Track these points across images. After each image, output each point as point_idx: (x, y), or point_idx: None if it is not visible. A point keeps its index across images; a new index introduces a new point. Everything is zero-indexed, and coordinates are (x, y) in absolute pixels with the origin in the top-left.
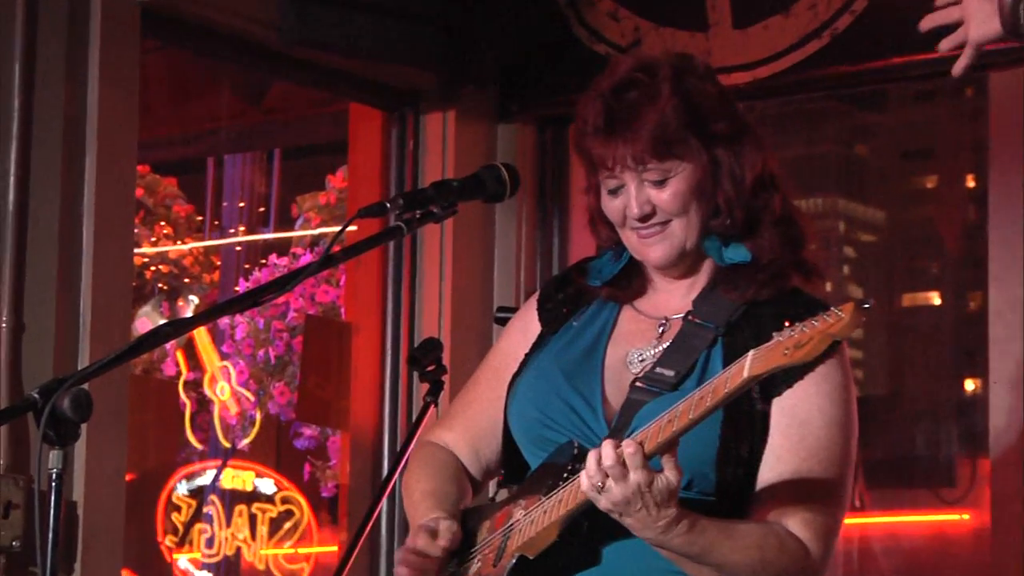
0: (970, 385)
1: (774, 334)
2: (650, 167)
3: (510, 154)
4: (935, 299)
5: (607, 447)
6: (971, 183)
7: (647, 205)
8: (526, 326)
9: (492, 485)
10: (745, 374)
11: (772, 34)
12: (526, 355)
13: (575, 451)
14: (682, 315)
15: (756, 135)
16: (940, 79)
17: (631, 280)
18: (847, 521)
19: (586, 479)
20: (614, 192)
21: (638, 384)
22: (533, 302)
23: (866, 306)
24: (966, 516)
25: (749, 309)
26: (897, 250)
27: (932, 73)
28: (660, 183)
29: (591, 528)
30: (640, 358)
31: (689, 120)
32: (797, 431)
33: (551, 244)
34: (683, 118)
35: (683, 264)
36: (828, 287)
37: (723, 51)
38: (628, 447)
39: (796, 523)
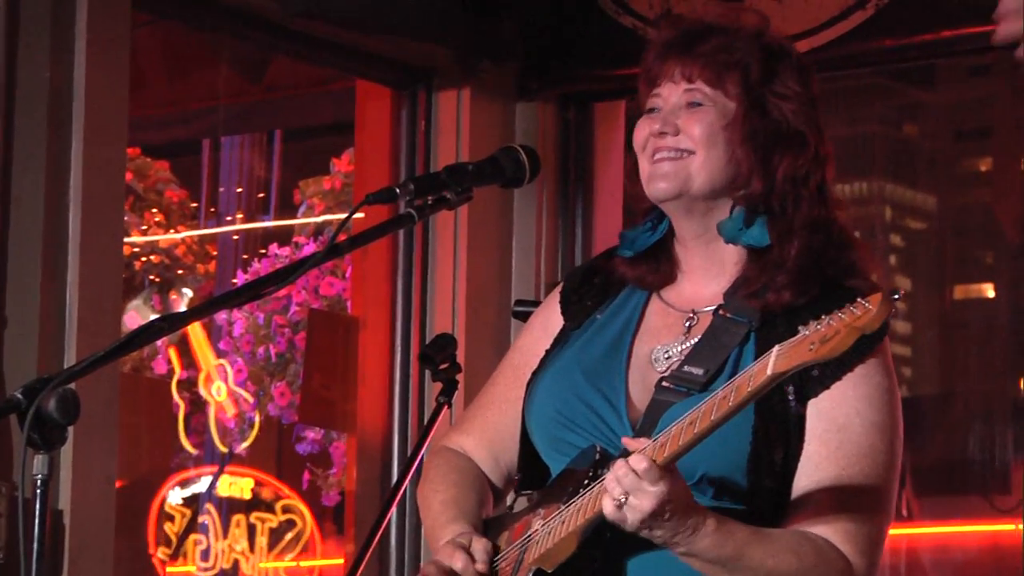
0: None
1: (800, 328)
2: (694, 87)
3: (530, 135)
4: (990, 291)
5: (620, 467)
6: None
7: (671, 123)
8: (547, 320)
9: (511, 495)
10: (769, 371)
11: (812, 5)
12: (547, 352)
13: (597, 456)
14: (712, 308)
15: (816, 124)
16: (995, 53)
17: (661, 264)
18: (893, 532)
19: (608, 503)
20: (650, 113)
21: (664, 384)
22: (556, 295)
23: (895, 296)
24: (1022, 526)
25: (787, 302)
26: (949, 238)
27: (986, 47)
28: (694, 105)
29: (613, 539)
30: (667, 355)
31: (753, 61)
32: (835, 436)
33: (573, 233)
34: (748, 56)
35: (693, 216)
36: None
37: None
38: (640, 463)
39: (837, 535)
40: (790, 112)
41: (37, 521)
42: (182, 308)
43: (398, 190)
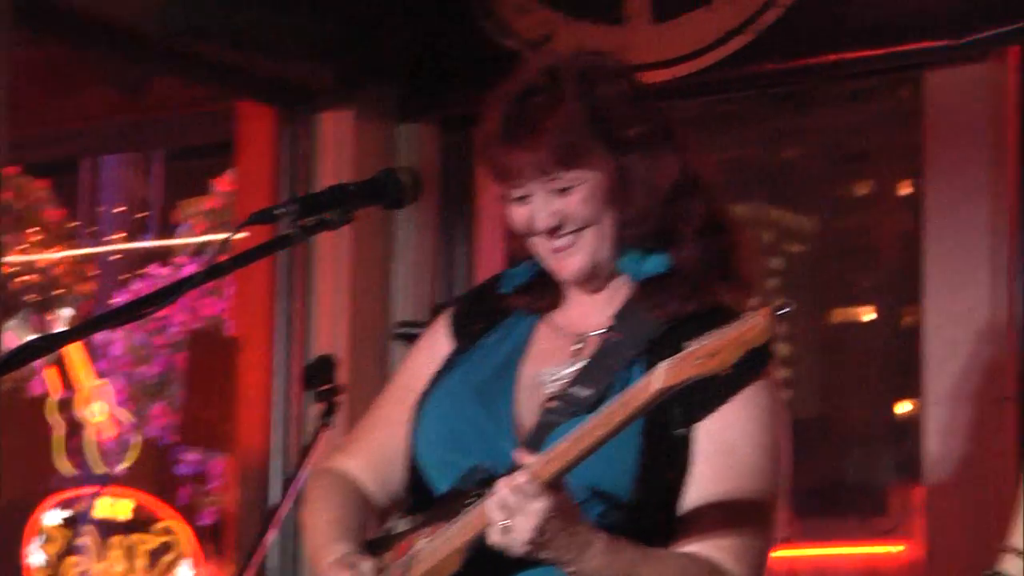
0: (904, 407)
1: (686, 343)
2: (555, 176)
3: (412, 156)
4: (868, 314)
5: (502, 486)
6: (907, 189)
7: (555, 216)
8: (435, 343)
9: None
10: (656, 385)
11: (693, 29)
12: (435, 374)
13: (481, 475)
14: (601, 331)
15: (677, 138)
16: (873, 78)
17: (547, 290)
18: (773, 554)
19: (493, 529)
20: (521, 200)
21: (552, 405)
22: (445, 318)
23: (784, 310)
24: (900, 548)
25: (673, 326)
26: (828, 261)
27: (865, 72)
28: (566, 191)
29: (497, 556)
30: (555, 377)
31: (595, 126)
32: (722, 458)
33: (455, 253)
34: (588, 124)
35: (599, 277)
36: (755, 301)
37: (640, 47)
38: (520, 478)
39: (722, 553)
40: (645, 141)
41: None
42: (61, 328)
43: (280, 210)
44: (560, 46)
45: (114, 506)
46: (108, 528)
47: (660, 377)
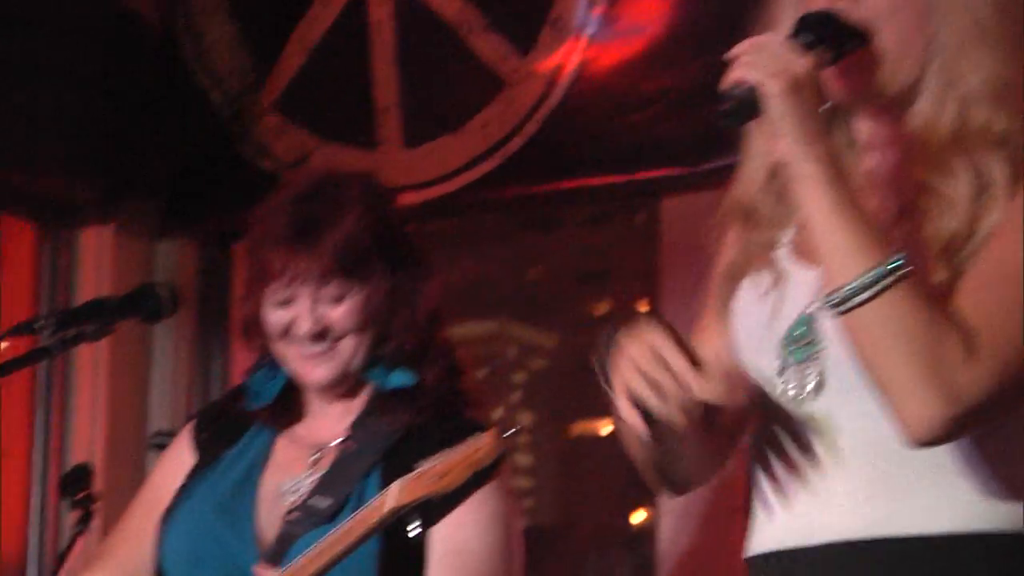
0: (640, 516)
1: (419, 463)
2: (331, 284)
3: (171, 272)
4: (607, 427)
5: None
6: (644, 308)
7: (320, 323)
8: (180, 456)
9: None
10: (390, 504)
11: (443, 154)
12: (179, 487)
13: None
14: (339, 441)
15: (430, 261)
16: (613, 203)
17: (288, 404)
18: None
19: None
20: (282, 304)
21: (292, 516)
22: (188, 431)
23: (509, 433)
24: None
25: (408, 434)
26: (569, 376)
27: (605, 197)
28: (337, 300)
29: None
30: (295, 488)
31: (375, 240)
32: (453, 560)
33: (211, 366)
34: (371, 238)
35: (343, 386)
36: (499, 413)
37: (392, 170)
38: None
39: None
40: (415, 261)
41: None
42: None
43: (39, 324)
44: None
45: None
46: None
47: (393, 496)
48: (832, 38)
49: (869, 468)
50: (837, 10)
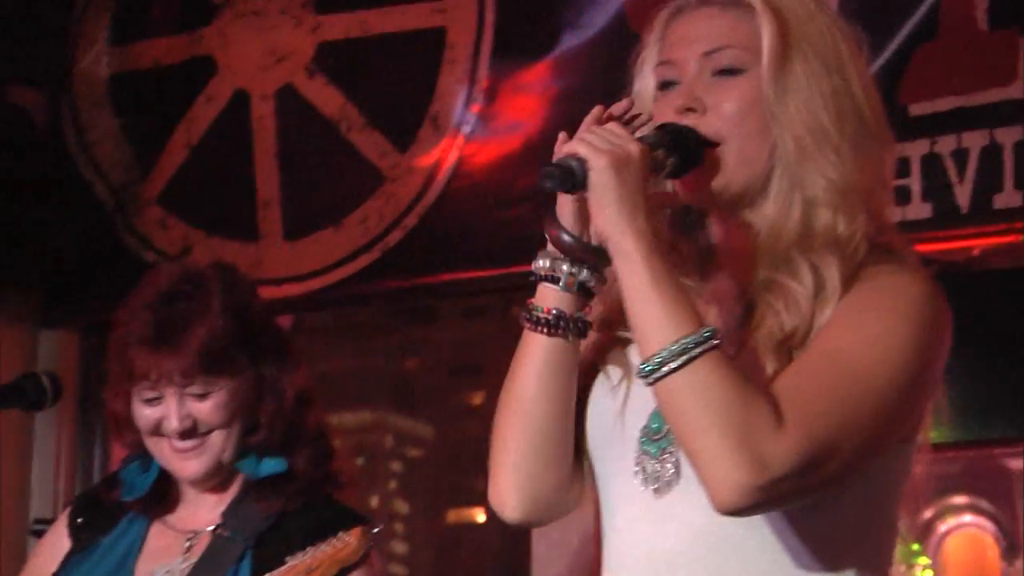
0: None
1: (287, 558)
2: (196, 382)
3: (53, 361)
4: (480, 516)
5: None
6: None
7: (188, 419)
8: (55, 543)
9: None
10: None
11: (323, 247)
12: (54, 574)
13: None
14: (211, 528)
15: (297, 351)
16: (488, 296)
17: (162, 493)
18: None
19: None
20: (150, 402)
21: None
22: (64, 518)
23: (375, 531)
24: None
25: (280, 521)
26: (445, 465)
27: (481, 290)
28: (202, 396)
29: None
30: (168, 575)
31: (238, 336)
32: None
33: (92, 454)
34: (233, 334)
35: (216, 478)
36: (375, 502)
37: (274, 262)
38: None
39: None
40: (278, 352)
41: None
42: None
43: None
44: (199, 261)
45: None
46: None
47: None
48: (682, 150)
49: (719, 558)
50: (687, 123)
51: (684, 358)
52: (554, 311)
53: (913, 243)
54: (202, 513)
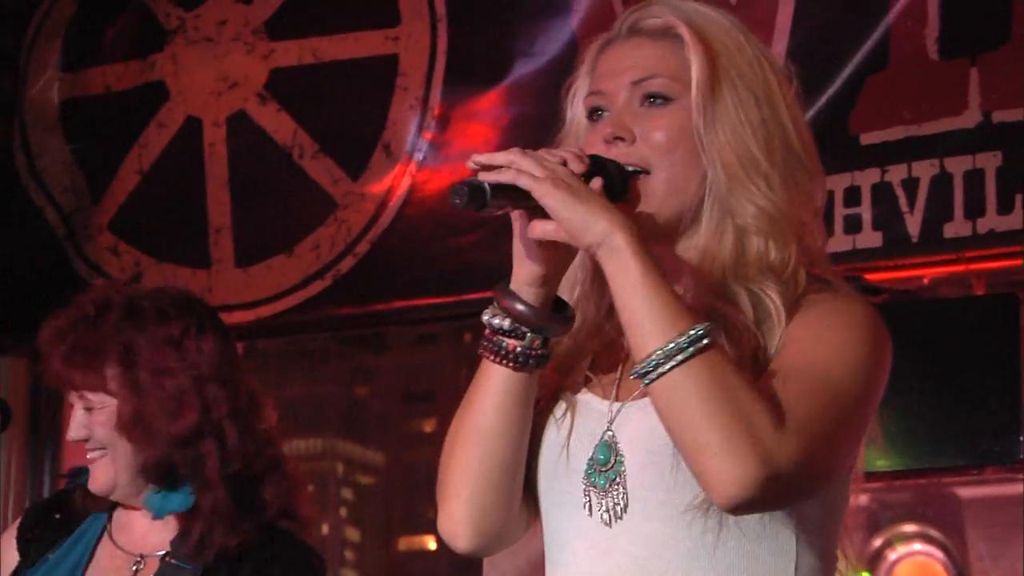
0: None
1: None
2: (81, 392)
3: (2, 387)
4: (431, 543)
5: None
6: None
7: (82, 429)
8: (5, 553)
9: None
10: None
11: (275, 274)
12: None
13: None
14: (160, 554)
15: (210, 384)
16: (440, 323)
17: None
18: None
19: None
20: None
21: None
22: (13, 531)
23: (323, 563)
24: None
25: (229, 553)
26: (396, 493)
27: (432, 317)
28: (91, 410)
29: None
30: None
31: (122, 357)
32: None
33: (42, 480)
34: (115, 353)
35: (128, 500)
36: (325, 529)
37: (226, 289)
38: None
39: None
40: (169, 383)
41: None
42: None
43: None
44: (149, 287)
45: None
46: None
47: None
48: (607, 182)
49: None
50: (615, 153)
51: (686, 353)
52: (518, 347)
53: (863, 272)
54: (152, 536)
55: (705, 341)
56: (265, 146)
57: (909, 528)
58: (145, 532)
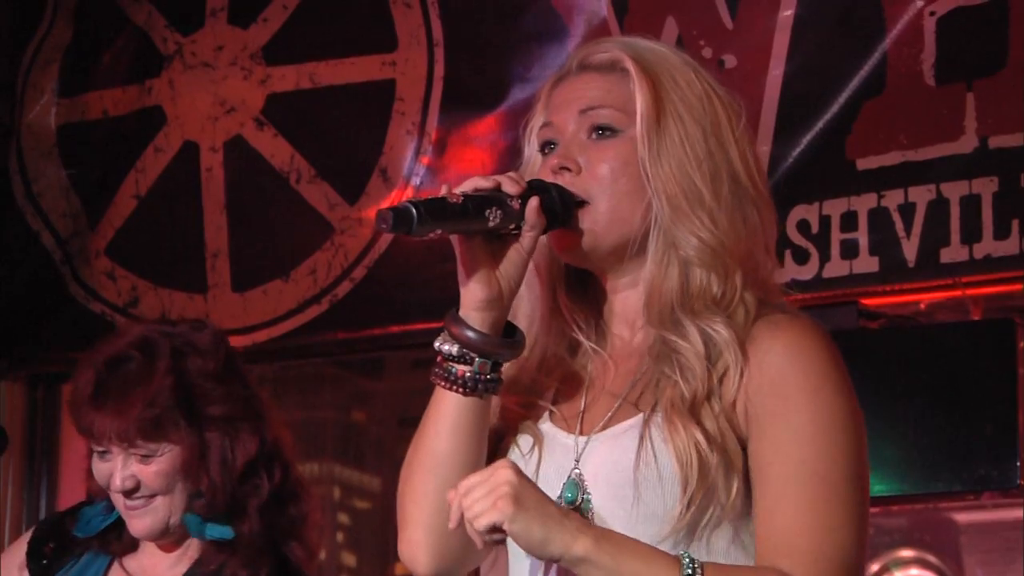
0: None
1: None
2: (137, 444)
3: (0, 412)
4: None
5: None
6: None
7: (131, 480)
8: (15, 565)
9: None
10: None
11: (271, 299)
12: None
13: None
14: None
15: (257, 414)
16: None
17: (123, 533)
18: None
19: None
20: (102, 455)
21: None
22: (24, 543)
23: None
24: None
25: None
26: (392, 518)
27: (429, 342)
28: (147, 458)
29: None
30: None
31: (180, 402)
32: None
33: (38, 505)
34: (173, 400)
35: (170, 537)
36: (323, 555)
37: (222, 314)
38: None
39: None
40: (227, 419)
41: None
42: None
43: None
44: (146, 311)
45: None
46: None
47: None
48: (553, 204)
49: None
50: (560, 182)
51: None
52: (468, 372)
53: (860, 296)
54: (161, 568)
55: (696, 561)
56: (262, 171)
57: (906, 553)
58: (158, 562)
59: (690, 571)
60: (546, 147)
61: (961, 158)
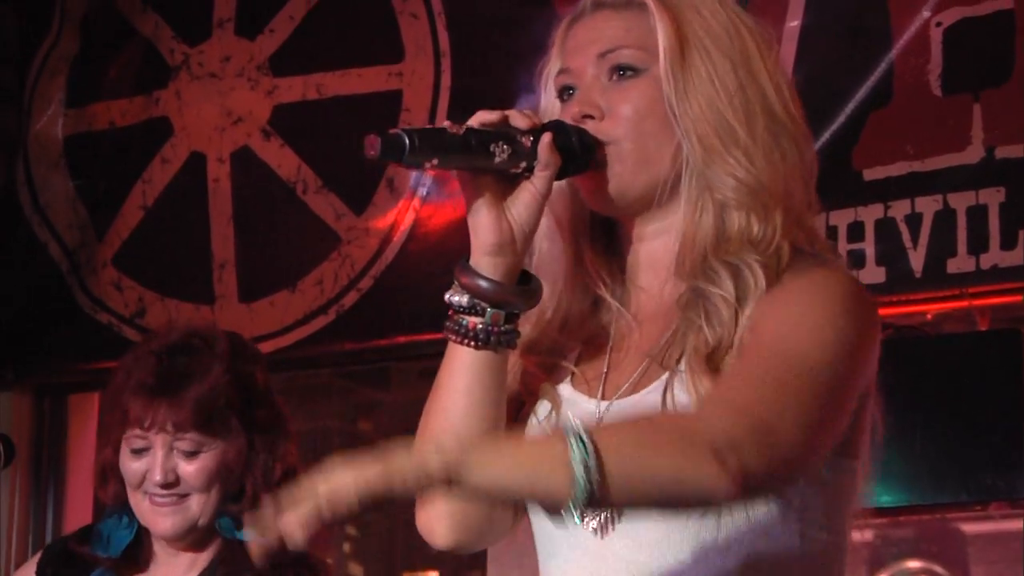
0: None
1: None
2: (187, 436)
3: (5, 423)
4: None
5: None
6: None
7: (172, 473)
8: None
9: None
10: None
11: (278, 309)
12: None
13: None
14: None
15: (290, 427)
16: (441, 359)
17: (135, 550)
18: None
19: None
20: (138, 452)
21: None
22: (32, 565)
23: None
24: None
25: None
26: (399, 527)
27: (436, 353)
28: (191, 455)
29: None
30: None
31: (235, 400)
32: None
33: (45, 517)
34: (230, 397)
35: (191, 538)
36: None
37: (228, 324)
38: None
39: None
40: (272, 425)
41: None
42: None
43: None
44: (153, 322)
45: None
46: None
47: None
48: (571, 145)
49: None
50: (581, 126)
51: (593, 469)
52: (480, 324)
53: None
54: (174, 572)
55: (584, 436)
56: (269, 181)
57: (913, 564)
58: (169, 571)
59: (582, 456)
60: (564, 93)
61: (968, 168)
